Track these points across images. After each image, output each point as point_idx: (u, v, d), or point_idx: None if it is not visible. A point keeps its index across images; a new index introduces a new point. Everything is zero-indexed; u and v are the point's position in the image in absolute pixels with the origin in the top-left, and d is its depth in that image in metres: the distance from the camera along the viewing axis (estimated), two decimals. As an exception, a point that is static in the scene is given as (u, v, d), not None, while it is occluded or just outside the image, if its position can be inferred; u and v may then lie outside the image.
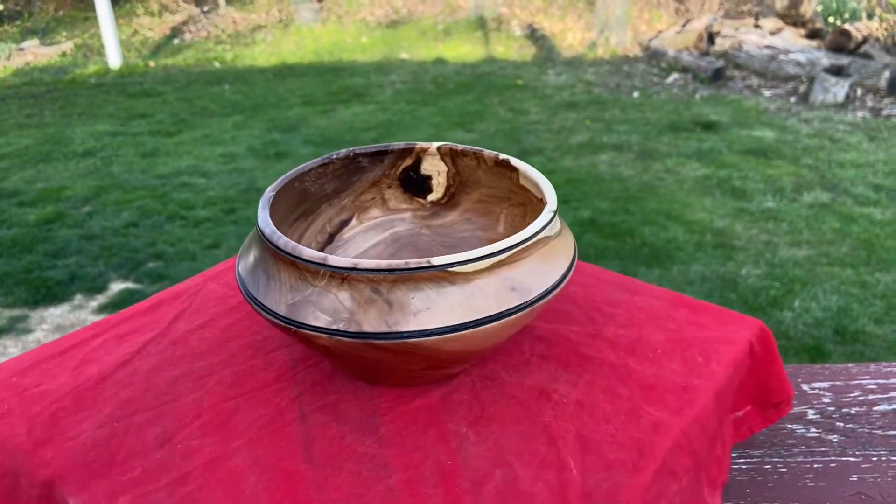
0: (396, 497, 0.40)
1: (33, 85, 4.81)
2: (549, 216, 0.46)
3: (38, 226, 2.66)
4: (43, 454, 0.45)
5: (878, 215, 2.67)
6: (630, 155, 3.32)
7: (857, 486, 0.46)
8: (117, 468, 0.44)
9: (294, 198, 0.55)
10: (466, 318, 0.41)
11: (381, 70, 4.99)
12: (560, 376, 0.49)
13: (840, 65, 4.32)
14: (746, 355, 0.51)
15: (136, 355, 0.54)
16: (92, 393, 0.50)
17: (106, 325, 0.58)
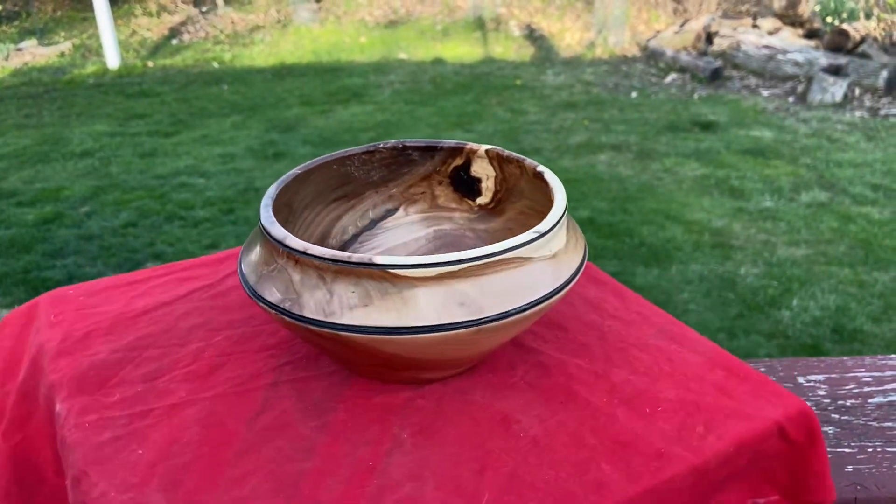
0: (300, 480, 0.41)
1: (31, 85, 4.81)
2: (529, 237, 0.43)
3: (36, 226, 2.66)
4: (59, 362, 0.52)
5: (875, 215, 2.67)
6: (628, 155, 3.32)
7: (853, 477, 0.46)
8: (102, 391, 0.49)
9: (335, 179, 0.56)
10: (401, 322, 0.40)
11: (380, 70, 4.99)
12: (533, 408, 0.46)
13: (838, 64, 4.32)
14: (772, 437, 0.44)
15: (180, 299, 0.59)
16: (127, 323, 0.56)
17: (176, 268, 0.65)
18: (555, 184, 0.49)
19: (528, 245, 0.43)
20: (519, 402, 0.46)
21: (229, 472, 0.42)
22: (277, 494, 0.40)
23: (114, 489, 0.41)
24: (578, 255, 0.47)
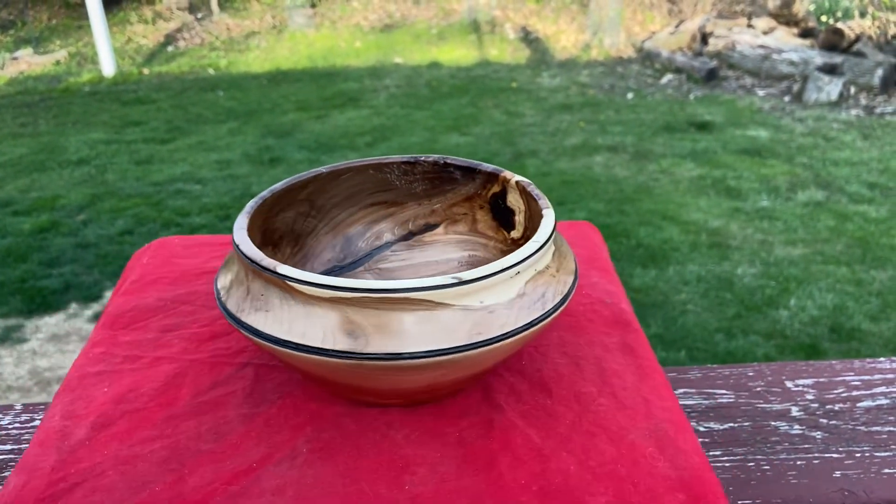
0: (188, 461, 0.42)
1: (27, 94, 4.81)
2: (443, 281, 0.39)
3: (32, 235, 2.66)
4: (119, 298, 0.59)
5: (872, 213, 2.67)
6: (625, 156, 3.32)
7: (841, 483, 0.46)
8: (125, 330, 0.55)
9: (372, 183, 0.55)
10: (290, 337, 0.39)
11: (376, 74, 5.00)
12: (443, 466, 0.41)
13: (833, 63, 4.33)
14: None
15: None
16: (189, 278, 0.61)
17: None
18: (541, 234, 0.44)
19: (439, 290, 0.39)
20: (434, 454, 0.41)
21: (147, 432, 0.44)
22: (161, 466, 0.41)
23: (59, 414, 0.45)
24: (532, 315, 0.41)
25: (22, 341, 2.05)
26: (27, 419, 0.52)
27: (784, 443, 0.48)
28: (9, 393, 1.84)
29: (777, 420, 0.51)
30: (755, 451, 0.48)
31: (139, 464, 0.41)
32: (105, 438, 0.43)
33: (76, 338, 2.07)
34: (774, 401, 0.53)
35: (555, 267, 0.44)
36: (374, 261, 0.57)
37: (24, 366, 1.95)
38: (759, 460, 0.47)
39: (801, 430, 0.50)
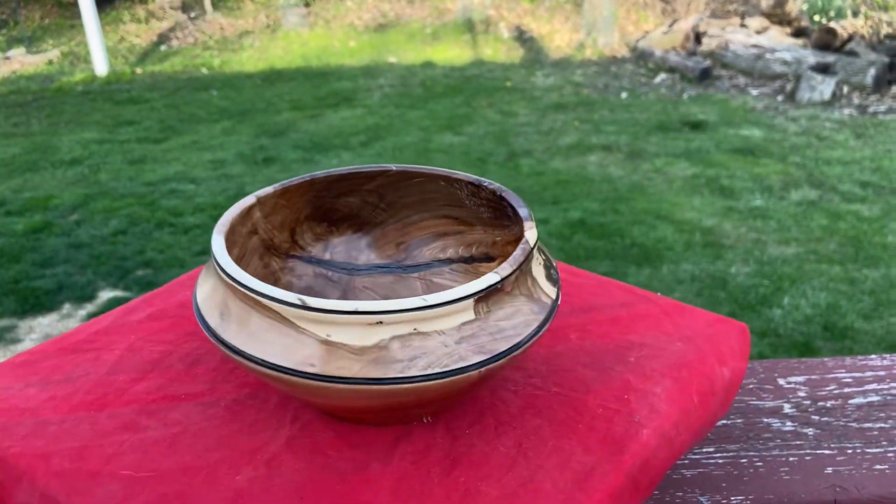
0: (157, 444, 0.42)
1: (20, 93, 4.79)
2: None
3: (25, 235, 2.65)
4: None
5: (865, 212, 2.68)
6: (619, 155, 3.33)
7: (832, 479, 0.46)
8: None
9: (442, 196, 0.53)
10: (244, 347, 0.39)
11: (370, 74, 4.99)
12: (402, 492, 0.39)
13: (826, 63, 4.34)
14: None
15: None
16: None
17: None
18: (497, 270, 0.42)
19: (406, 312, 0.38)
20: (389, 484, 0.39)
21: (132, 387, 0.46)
22: (135, 450, 0.41)
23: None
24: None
25: (15, 342, 2.05)
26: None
27: (776, 439, 0.49)
28: (2, 393, 1.84)
29: (769, 417, 0.51)
30: (748, 448, 0.48)
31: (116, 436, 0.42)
32: (67, 393, 0.45)
33: (69, 338, 2.06)
34: (767, 398, 0.53)
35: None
36: (430, 272, 0.56)
37: (17, 366, 1.95)
38: (751, 457, 0.47)
39: (794, 426, 0.50)
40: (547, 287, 0.43)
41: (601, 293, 0.56)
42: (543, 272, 0.44)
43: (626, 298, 0.55)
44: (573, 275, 0.60)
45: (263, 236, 0.52)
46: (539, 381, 0.47)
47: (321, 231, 0.54)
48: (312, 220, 0.53)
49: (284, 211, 0.52)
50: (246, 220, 0.49)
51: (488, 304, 0.39)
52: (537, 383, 0.46)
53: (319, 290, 0.53)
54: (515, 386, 0.46)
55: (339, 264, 0.54)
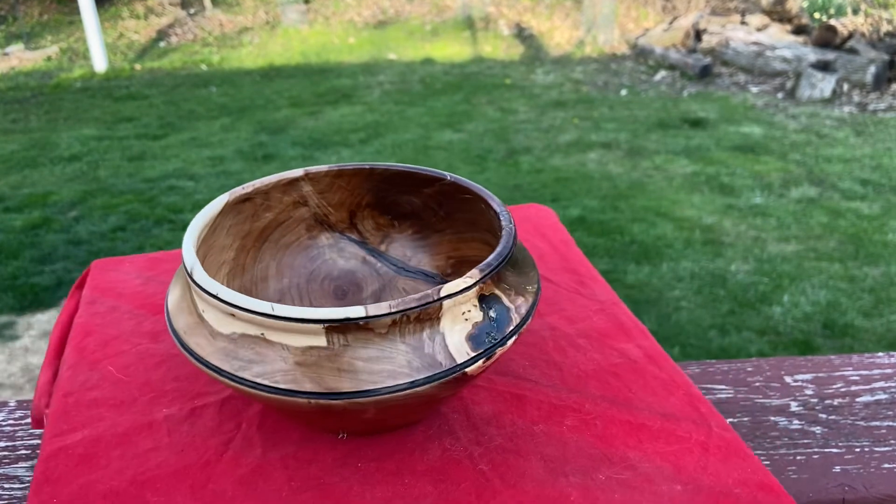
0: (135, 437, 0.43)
1: (18, 90, 4.78)
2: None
3: (24, 231, 2.64)
4: None
5: (865, 210, 2.68)
6: (618, 153, 3.33)
7: (841, 478, 0.45)
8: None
9: (484, 219, 0.51)
10: (195, 349, 0.39)
11: (369, 71, 4.98)
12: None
13: (826, 60, 4.34)
14: None
15: None
16: None
17: None
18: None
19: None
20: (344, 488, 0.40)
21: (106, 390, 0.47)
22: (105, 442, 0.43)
23: None
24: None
25: (14, 338, 2.04)
26: (21, 416, 0.51)
27: (783, 438, 0.48)
28: (1, 390, 1.83)
29: (776, 415, 0.51)
30: (755, 447, 0.48)
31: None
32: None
33: (68, 335, 2.06)
34: (773, 396, 0.52)
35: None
36: None
37: (16, 363, 1.94)
38: (758, 455, 0.47)
39: (801, 425, 0.49)
40: (458, 347, 0.38)
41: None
42: (466, 330, 0.38)
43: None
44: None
45: (316, 210, 0.53)
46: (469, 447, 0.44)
47: (384, 222, 0.55)
48: (375, 209, 0.54)
49: (343, 192, 0.53)
50: (289, 189, 0.51)
51: (346, 338, 0.36)
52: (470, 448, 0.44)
53: (361, 276, 0.54)
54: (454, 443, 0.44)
55: (391, 259, 0.55)
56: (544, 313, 0.55)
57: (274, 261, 0.52)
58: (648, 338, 0.52)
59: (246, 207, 0.50)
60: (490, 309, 0.39)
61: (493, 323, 0.39)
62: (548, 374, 0.48)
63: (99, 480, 0.41)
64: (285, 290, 0.52)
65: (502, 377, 0.48)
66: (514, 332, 0.39)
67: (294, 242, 0.54)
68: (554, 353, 0.50)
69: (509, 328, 0.39)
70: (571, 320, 0.54)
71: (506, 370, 0.49)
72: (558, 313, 0.55)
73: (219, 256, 0.49)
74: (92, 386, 0.48)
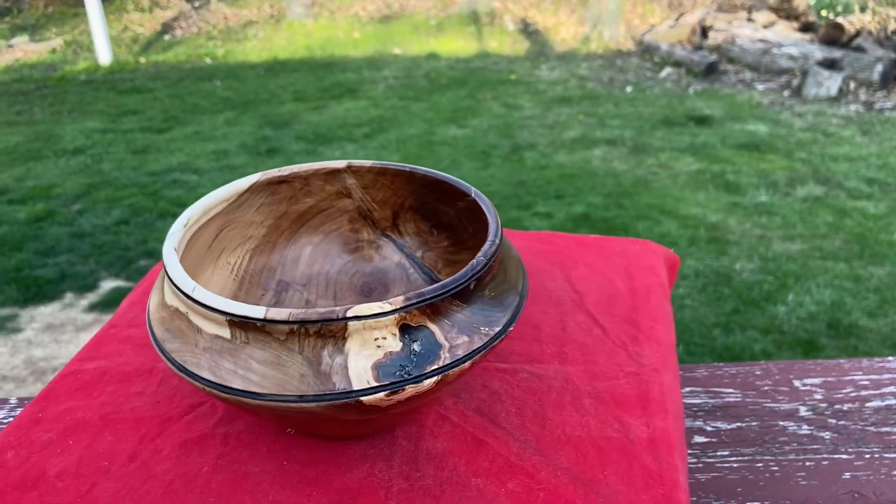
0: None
1: (23, 82, 4.78)
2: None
3: (28, 224, 2.64)
4: None
5: (871, 209, 2.67)
6: (623, 150, 3.31)
7: (850, 484, 0.45)
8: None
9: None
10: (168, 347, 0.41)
11: (374, 65, 4.97)
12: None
13: (833, 58, 4.32)
14: None
15: None
16: None
17: None
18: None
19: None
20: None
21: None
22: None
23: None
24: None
25: (17, 331, 2.04)
26: (22, 414, 0.51)
27: (792, 443, 0.48)
28: (4, 383, 1.83)
29: (785, 420, 0.50)
30: (763, 452, 0.47)
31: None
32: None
33: (71, 328, 2.06)
34: (782, 400, 0.52)
35: None
36: None
37: (18, 355, 1.94)
38: (767, 461, 0.46)
39: (810, 430, 0.49)
40: (360, 373, 0.36)
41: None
42: (375, 358, 0.36)
43: None
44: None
45: (360, 204, 0.53)
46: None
47: (424, 229, 0.54)
48: (417, 213, 0.53)
49: (387, 191, 0.53)
50: (332, 178, 0.51)
51: (247, 336, 0.36)
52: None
53: (391, 278, 0.54)
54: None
55: (424, 268, 0.54)
56: (568, 360, 0.50)
57: (310, 245, 0.53)
58: (668, 418, 0.45)
59: (282, 189, 0.51)
60: (414, 342, 0.37)
61: (412, 357, 0.36)
62: (526, 428, 0.44)
63: (80, 408, 0.46)
64: (313, 275, 0.53)
65: (478, 416, 0.45)
66: (438, 373, 0.36)
67: (335, 231, 0.54)
68: (549, 407, 0.46)
69: (431, 367, 0.36)
70: (593, 376, 0.49)
71: (487, 410, 0.45)
72: (584, 365, 0.50)
73: (244, 231, 0.51)
74: (137, 324, 0.54)
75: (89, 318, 2.09)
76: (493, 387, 0.47)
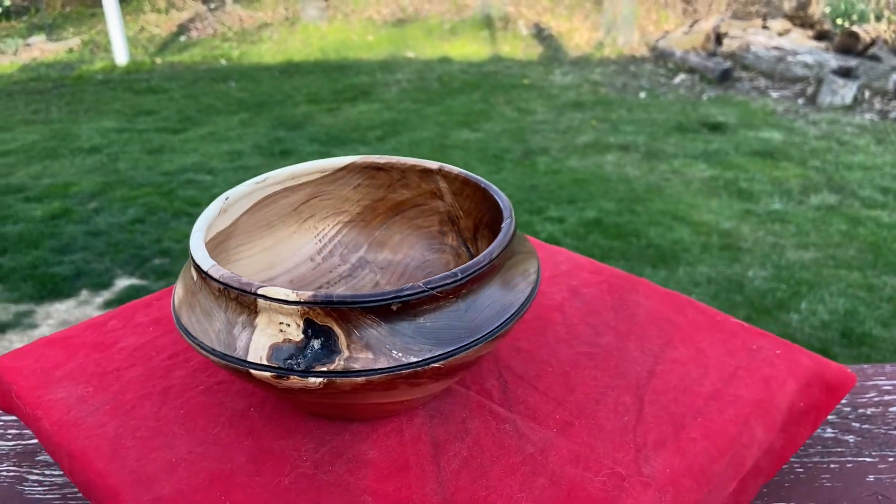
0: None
1: (40, 81, 4.82)
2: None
3: (44, 221, 2.67)
4: None
5: (885, 218, 2.66)
6: (636, 155, 3.31)
7: (874, 487, 0.45)
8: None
9: None
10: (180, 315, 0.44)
11: (387, 68, 4.99)
12: None
13: (848, 67, 4.30)
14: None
15: None
16: None
17: None
18: None
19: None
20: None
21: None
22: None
23: None
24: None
25: (32, 327, 2.06)
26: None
27: (817, 446, 0.48)
28: (20, 378, 1.85)
29: (809, 423, 0.50)
30: (787, 454, 0.48)
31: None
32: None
33: (87, 325, 2.07)
34: (806, 403, 0.52)
35: None
36: None
37: (35, 351, 1.96)
38: (792, 463, 0.47)
39: (834, 433, 0.49)
40: (258, 348, 0.37)
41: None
42: (275, 339, 0.37)
43: None
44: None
45: (450, 209, 0.54)
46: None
47: (483, 234, 0.54)
48: (491, 232, 0.50)
49: (470, 202, 0.52)
50: (426, 177, 0.53)
51: (197, 286, 0.41)
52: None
53: None
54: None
55: None
56: (569, 432, 0.42)
57: (400, 235, 0.55)
58: None
59: (380, 176, 0.54)
60: (316, 338, 0.37)
61: (307, 352, 0.37)
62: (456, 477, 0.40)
63: (77, 364, 0.49)
64: (394, 263, 0.55)
65: (427, 442, 0.42)
66: (325, 377, 0.36)
67: (425, 229, 0.55)
68: (496, 467, 0.40)
69: (321, 368, 0.36)
70: (576, 458, 0.41)
71: (439, 440, 0.42)
72: (580, 438, 0.42)
73: (339, 204, 0.56)
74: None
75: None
76: (471, 425, 0.43)
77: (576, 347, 0.49)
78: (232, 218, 0.50)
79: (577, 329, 0.51)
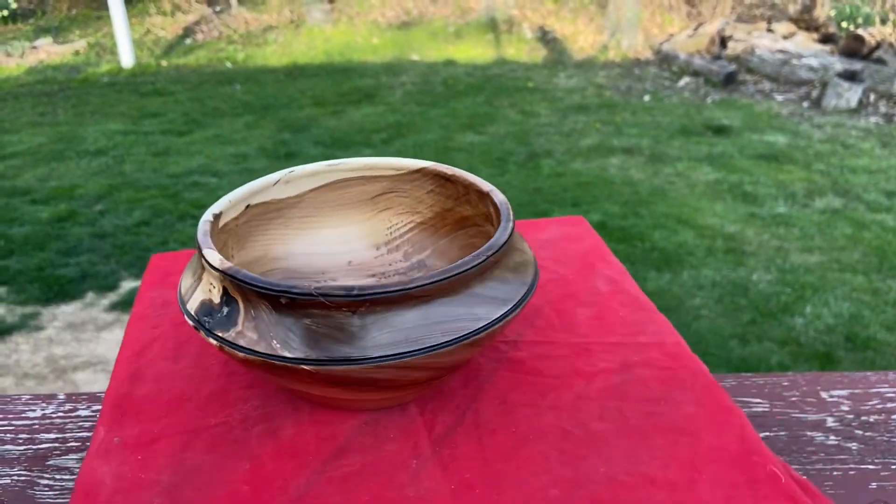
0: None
1: (46, 83, 4.84)
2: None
3: (50, 224, 2.68)
4: None
5: (890, 222, 2.65)
6: (640, 158, 3.31)
7: (877, 494, 0.46)
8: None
9: None
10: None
11: (392, 71, 5.00)
12: None
13: (853, 70, 4.30)
14: None
15: None
16: None
17: None
18: None
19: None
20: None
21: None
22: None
23: None
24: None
25: (39, 329, 2.07)
26: (70, 408, 0.52)
27: (820, 453, 0.48)
28: (25, 380, 1.86)
29: (812, 430, 0.51)
30: (791, 461, 0.48)
31: None
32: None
33: (92, 326, 2.08)
34: (810, 411, 0.53)
35: None
36: None
37: (40, 353, 1.97)
38: (795, 469, 0.47)
39: (837, 440, 0.49)
40: (195, 302, 0.44)
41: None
42: (206, 296, 0.44)
43: None
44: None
45: (477, 221, 0.55)
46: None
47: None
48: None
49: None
50: (483, 199, 0.53)
51: (197, 247, 0.47)
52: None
53: None
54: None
55: None
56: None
57: (461, 251, 0.56)
58: None
59: (449, 186, 0.55)
60: (226, 305, 0.42)
61: (217, 315, 0.42)
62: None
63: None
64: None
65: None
66: (217, 341, 0.41)
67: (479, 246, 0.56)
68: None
69: (217, 333, 0.41)
70: None
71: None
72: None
73: (414, 205, 0.58)
74: None
75: (110, 317, 2.12)
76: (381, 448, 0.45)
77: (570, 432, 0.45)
78: (297, 190, 0.55)
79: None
